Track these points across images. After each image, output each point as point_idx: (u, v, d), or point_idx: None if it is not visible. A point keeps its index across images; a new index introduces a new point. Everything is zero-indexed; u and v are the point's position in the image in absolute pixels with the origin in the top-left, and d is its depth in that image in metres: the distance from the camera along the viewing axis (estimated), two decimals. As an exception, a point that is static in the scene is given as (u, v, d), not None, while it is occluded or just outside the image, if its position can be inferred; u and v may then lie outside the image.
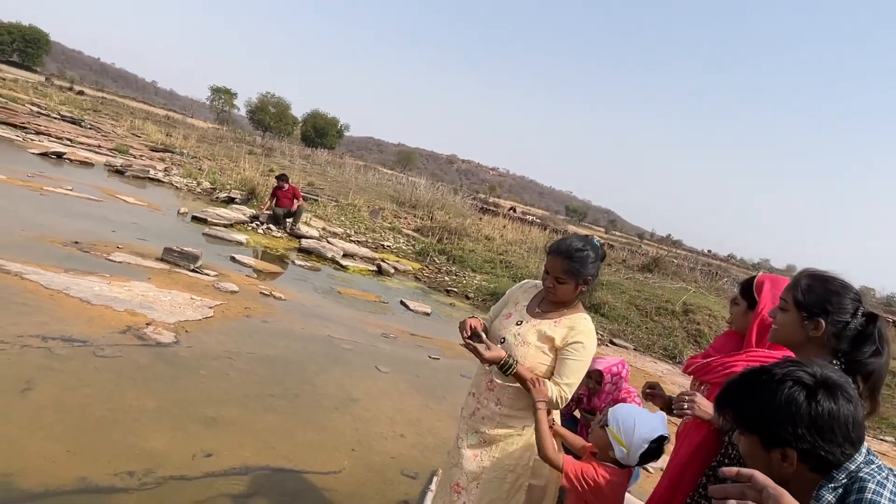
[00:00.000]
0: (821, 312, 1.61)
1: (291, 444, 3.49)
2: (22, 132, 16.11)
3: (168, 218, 10.16)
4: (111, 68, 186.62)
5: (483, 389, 2.32)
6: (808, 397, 1.15)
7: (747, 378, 1.27)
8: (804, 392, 1.16)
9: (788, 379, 1.18)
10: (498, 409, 2.27)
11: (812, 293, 1.64)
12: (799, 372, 1.19)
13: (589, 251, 2.23)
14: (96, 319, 4.49)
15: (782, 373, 1.20)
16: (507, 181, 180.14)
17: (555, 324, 2.24)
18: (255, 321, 5.62)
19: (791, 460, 1.16)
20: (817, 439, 1.14)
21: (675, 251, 39.99)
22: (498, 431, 2.27)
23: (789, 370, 1.20)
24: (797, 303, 1.65)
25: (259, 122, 60.15)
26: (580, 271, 2.20)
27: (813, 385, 1.16)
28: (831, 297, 1.62)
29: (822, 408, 1.14)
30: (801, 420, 1.14)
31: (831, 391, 1.15)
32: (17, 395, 3.16)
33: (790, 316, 1.66)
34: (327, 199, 17.13)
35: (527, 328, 2.26)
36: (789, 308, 1.67)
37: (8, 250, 5.55)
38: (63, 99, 28.51)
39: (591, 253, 2.23)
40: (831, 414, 1.14)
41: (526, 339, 2.23)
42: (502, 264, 13.40)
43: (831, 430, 1.14)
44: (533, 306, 2.34)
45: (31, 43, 65.17)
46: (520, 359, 2.20)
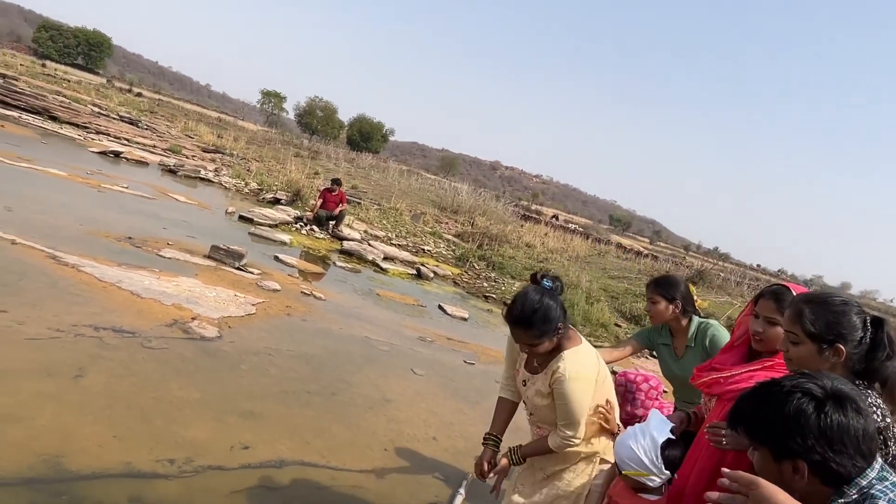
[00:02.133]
0: (837, 338, 1.57)
1: (326, 440, 3.56)
2: (83, 131, 16.86)
3: (216, 217, 10.47)
4: (168, 71, 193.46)
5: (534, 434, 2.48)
6: (816, 409, 1.15)
7: (757, 391, 1.28)
8: (813, 403, 1.16)
9: (797, 390, 1.18)
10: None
11: (820, 320, 1.59)
12: (808, 384, 1.19)
13: (544, 303, 2.19)
14: (145, 312, 4.67)
15: (791, 384, 1.21)
16: (551, 189, 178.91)
17: (544, 375, 2.31)
18: (295, 320, 5.74)
19: (802, 472, 1.16)
20: (827, 451, 1.13)
21: (722, 264, 38.96)
22: (556, 467, 2.40)
23: (798, 382, 1.21)
24: (809, 334, 1.60)
25: (307, 125, 61.39)
26: (547, 329, 2.19)
27: (822, 397, 1.16)
28: (840, 320, 1.58)
29: (832, 419, 1.14)
30: (811, 431, 1.14)
31: (841, 403, 1.15)
32: (71, 381, 3.32)
33: (806, 348, 1.61)
34: (370, 203, 17.36)
35: (530, 388, 2.38)
36: (802, 341, 1.61)
37: (66, 243, 5.83)
38: (122, 100, 29.72)
39: (546, 301, 2.20)
40: (841, 426, 1.13)
41: (534, 400, 2.36)
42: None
43: (841, 442, 1.13)
44: (530, 360, 2.41)
45: (94, 47, 68.13)
46: (540, 419, 2.38)
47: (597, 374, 2.33)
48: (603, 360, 2.46)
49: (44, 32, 66.36)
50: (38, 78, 26.96)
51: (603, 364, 2.43)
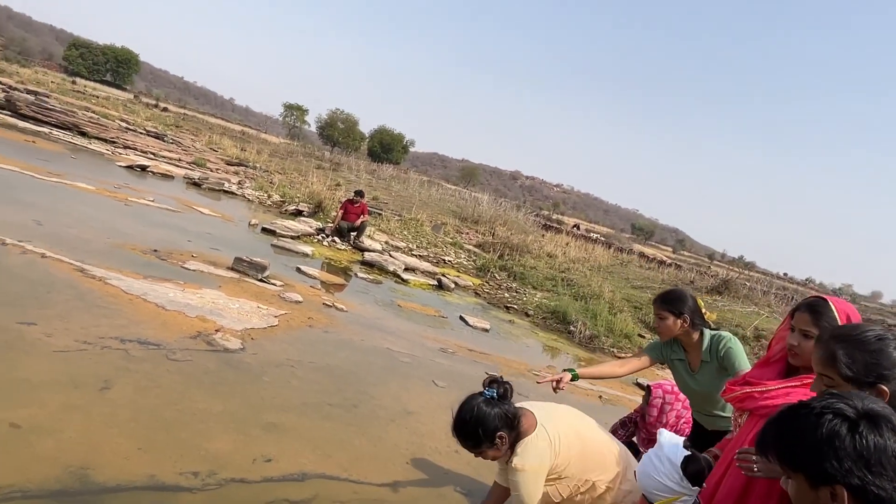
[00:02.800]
0: (878, 379, 1.47)
1: (348, 453, 3.56)
2: (111, 146, 17.23)
3: (240, 229, 10.60)
4: (193, 86, 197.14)
5: None
6: (850, 429, 1.10)
7: (786, 415, 1.22)
8: (846, 424, 1.11)
9: (828, 412, 1.13)
10: None
11: (857, 363, 1.48)
12: (839, 404, 1.14)
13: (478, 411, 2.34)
14: (170, 324, 4.73)
15: (821, 406, 1.15)
16: (572, 198, 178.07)
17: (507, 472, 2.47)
18: (317, 331, 5.76)
19: (841, 499, 1.10)
20: (866, 474, 1.08)
21: (748, 273, 38.32)
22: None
23: (829, 402, 1.15)
24: (846, 379, 1.50)
25: (328, 137, 62.04)
26: (481, 441, 2.36)
27: (855, 417, 1.11)
28: (879, 359, 1.47)
29: (868, 440, 1.08)
30: (847, 454, 1.09)
31: (875, 423, 1.10)
32: (97, 394, 3.36)
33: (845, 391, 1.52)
34: (391, 214, 17.43)
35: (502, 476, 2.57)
36: (839, 384, 1.52)
37: (94, 256, 5.93)
38: (149, 115, 30.29)
39: (482, 410, 2.35)
40: (878, 446, 1.08)
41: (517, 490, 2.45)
42: (564, 282, 13.24)
43: (879, 464, 1.07)
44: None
45: (122, 63, 69.69)
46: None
47: (551, 461, 2.38)
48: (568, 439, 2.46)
49: (74, 50, 68.09)
50: (68, 94, 27.64)
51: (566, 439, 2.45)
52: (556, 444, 2.42)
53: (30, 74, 36.25)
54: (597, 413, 5.46)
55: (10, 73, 30.40)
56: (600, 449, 2.55)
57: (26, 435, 2.79)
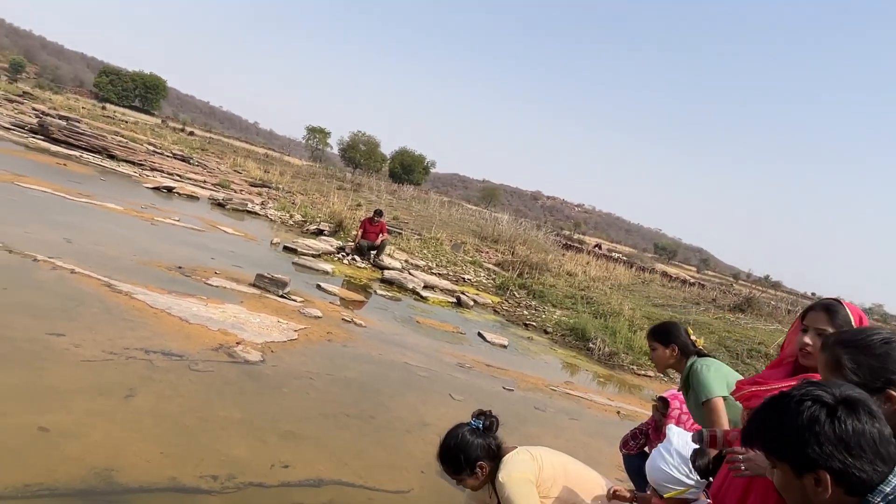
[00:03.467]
0: (886, 384, 1.43)
1: (363, 461, 3.61)
2: (139, 168, 17.70)
3: (262, 247, 10.79)
4: (219, 111, 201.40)
5: None
6: (829, 415, 1.13)
7: (768, 406, 1.26)
8: (825, 410, 1.14)
9: (807, 399, 1.17)
10: None
11: (862, 367, 1.44)
12: (817, 391, 1.18)
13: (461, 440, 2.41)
14: (193, 337, 4.85)
15: (800, 394, 1.19)
16: (593, 218, 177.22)
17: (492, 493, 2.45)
18: (336, 345, 5.85)
19: (825, 483, 1.14)
20: (846, 457, 1.11)
21: (773, 292, 37.68)
22: None
23: (807, 390, 1.19)
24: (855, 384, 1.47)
25: (350, 159, 62.80)
26: (459, 467, 2.41)
27: (833, 403, 1.15)
28: (886, 364, 1.43)
29: (846, 424, 1.12)
30: (827, 438, 1.12)
31: (852, 407, 1.14)
32: (122, 401, 3.47)
33: None
34: (411, 233, 17.58)
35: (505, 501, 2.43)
36: None
37: (121, 272, 6.12)
38: (176, 139, 31.07)
39: (465, 438, 2.42)
40: (856, 430, 1.12)
41: None
42: (584, 300, 13.20)
43: (859, 447, 1.11)
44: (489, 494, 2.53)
45: (150, 89, 71.62)
46: None
47: (536, 473, 2.38)
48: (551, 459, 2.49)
49: (104, 77, 70.22)
50: (98, 119, 28.51)
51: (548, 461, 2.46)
52: (539, 459, 2.44)
53: (62, 101, 37.50)
54: (615, 428, 5.45)
55: (43, 100, 31.50)
56: (586, 477, 2.53)
57: (54, 438, 2.90)
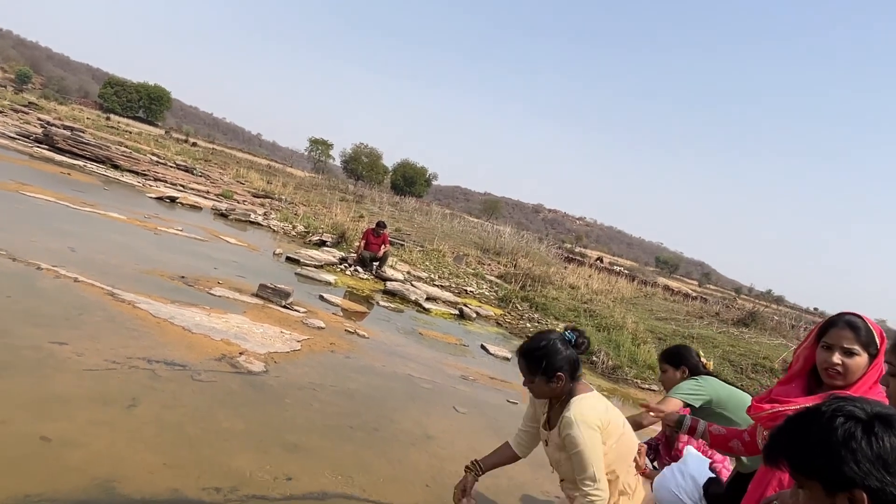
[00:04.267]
0: None
1: (368, 475, 3.56)
2: (143, 178, 17.75)
3: (265, 258, 10.77)
4: (222, 122, 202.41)
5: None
6: (865, 431, 1.08)
7: (796, 421, 1.19)
8: (860, 426, 1.08)
9: (840, 414, 1.11)
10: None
11: None
12: (849, 406, 1.12)
13: (551, 344, 2.31)
14: (195, 346, 4.82)
15: (831, 409, 1.13)
16: (595, 231, 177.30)
17: (556, 430, 2.33)
18: (339, 356, 5.81)
19: (861, 502, 1.07)
20: (884, 475, 1.05)
21: (775, 307, 37.57)
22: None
23: (839, 405, 1.14)
24: None
25: (352, 171, 62.98)
26: (543, 369, 2.28)
27: (867, 419, 1.09)
28: None
29: (884, 441, 1.06)
30: (865, 456, 1.06)
31: (889, 423, 1.08)
32: (124, 410, 3.43)
33: None
34: (413, 245, 17.56)
35: (550, 447, 2.42)
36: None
37: (124, 281, 6.09)
38: (179, 150, 31.17)
39: (555, 345, 2.31)
40: (894, 447, 1.06)
41: (554, 456, 2.39)
42: (586, 313, 13.14)
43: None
44: (548, 419, 2.47)
45: (155, 100, 72.08)
46: (563, 473, 2.38)
47: (605, 424, 2.29)
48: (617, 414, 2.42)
49: (109, 88, 70.67)
50: (102, 130, 28.65)
51: (615, 417, 2.38)
52: (609, 412, 2.34)
53: (67, 111, 37.71)
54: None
55: (48, 110, 31.67)
56: (631, 446, 2.43)
57: (56, 447, 2.86)
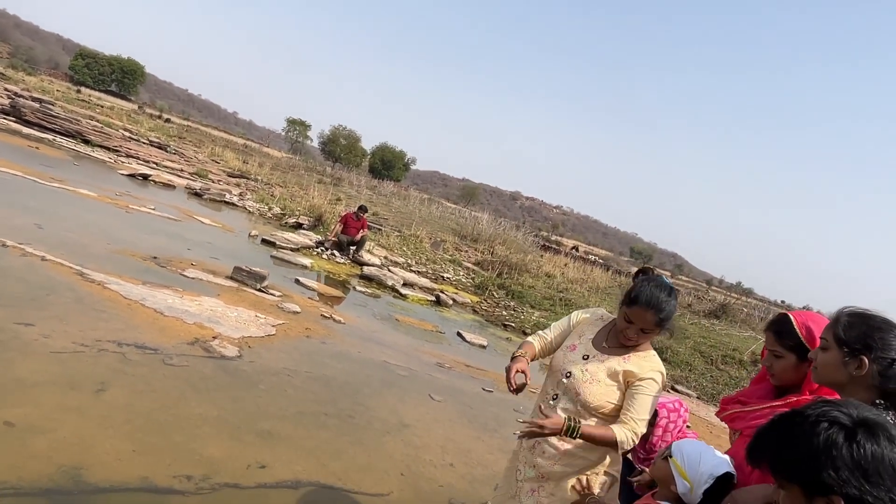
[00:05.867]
0: (863, 349, 1.52)
1: (342, 463, 3.53)
2: (114, 154, 17.30)
3: (240, 239, 10.60)
4: (197, 99, 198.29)
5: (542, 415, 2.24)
6: (847, 438, 1.07)
7: (779, 424, 1.19)
8: (843, 433, 1.08)
9: (824, 420, 1.11)
10: (560, 445, 2.21)
11: (853, 329, 1.55)
12: (834, 412, 1.11)
13: (672, 299, 2.19)
14: (167, 330, 4.72)
15: (816, 413, 1.12)
16: (571, 220, 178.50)
17: (624, 360, 2.20)
18: (314, 342, 5.75)
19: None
20: (863, 484, 1.05)
21: (745, 299, 38.32)
22: (556, 468, 2.22)
23: (823, 410, 1.13)
24: (838, 340, 1.57)
25: (330, 153, 62.27)
26: (667, 322, 2.18)
27: (851, 425, 1.08)
28: (874, 334, 1.53)
29: (865, 449, 1.06)
30: (844, 463, 1.06)
31: (872, 431, 1.07)
32: (92, 395, 3.35)
33: (831, 355, 1.58)
34: (391, 229, 17.46)
35: (595, 364, 2.21)
36: (830, 346, 1.59)
37: (94, 261, 5.93)
38: (152, 126, 30.42)
39: (674, 297, 2.20)
40: (875, 456, 1.05)
41: (595, 377, 2.19)
42: (562, 302, 13.23)
43: (877, 474, 1.05)
44: (599, 340, 2.29)
45: (128, 74, 70.12)
46: (588, 397, 2.16)
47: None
48: None
49: (80, 60, 68.54)
50: (73, 103, 27.79)
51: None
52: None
53: (35, 82, 36.49)
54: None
55: (16, 81, 30.62)
56: None
57: (20, 433, 2.77)
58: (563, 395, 2.25)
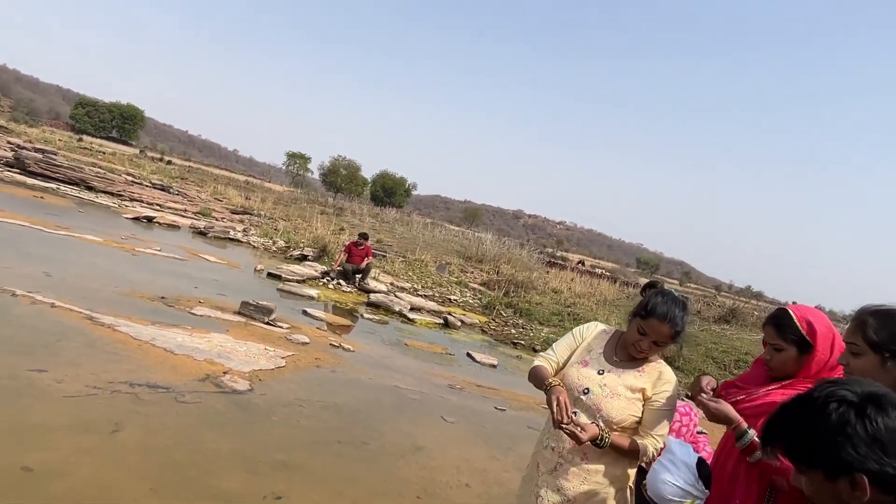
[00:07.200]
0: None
1: (358, 489, 3.54)
2: (118, 199, 17.52)
3: (246, 275, 10.69)
4: (197, 139, 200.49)
5: (566, 444, 2.21)
6: (858, 414, 1.08)
7: (789, 410, 1.20)
8: (853, 410, 1.09)
9: (832, 400, 1.11)
10: (586, 465, 2.18)
11: (885, 330, 1.54)
12: (840, 391, 1.12)
13: (686, 314, 2.18)
14: (179, 368, 4.76)
15: (823, 395, 1.13)
16: (575, 235, 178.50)
17: (639, 373, 2.19)
18: (324, 371, 5.78)
19: (863, 487, 1.07)
20: (882, 456, 1.06)
21: (755, 303, 38.09)
22: (583, 488, 2.17)
23: (830, 390, 1.14)
24: (871, 343, 1.55)
25: (331, 183, 62.66)
26: (681, 336, 2.17)
27: (860, 401, 1.09)
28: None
29: (878, 422, 1.06)
30: (861, 439, 1.06)
31: (880, 404, 1.09)
32: (107, 436, 3.38)
33: (868, 360, 1.56)
34: (395, 255, 17.54)
35: (612, 378, 2.20)
36: (863, 352, 1.57)
37: (103, 304, 6.00)
38: (154, 168, 30.80)
39: (687, 315, 2.20)
40: (888, 427, 1.06)
41: (615, 391, 2.17)
42: (570, 317, 13.21)
43: (894, 444, 1.06)
44: (609, 354, 2.27)
45: (128, 120, 71.14)
46: (611, 412, 2.14)
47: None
48: None
49: (80, 109, 69.65)
50: (75, 151, 28.21)
51: None
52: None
53: (37, 134, 37.05)
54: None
55: (18, 133, 31.11)
56: None
57: (39, 478, 2.80)
58: (581, 413, 2.20)
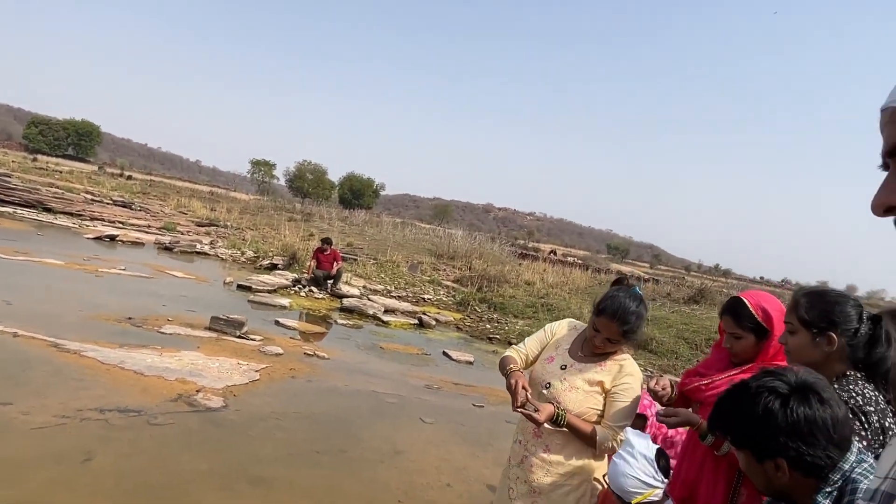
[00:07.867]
0: (829, 326, 1.64)
1: (338, 498, 3.55)
2: (78, 219, 17.09)
3: (215, 288, 10.55)
4: (158, 152, 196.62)
5: (530, 436, 2.29)
6: (782, 405, 1.19)
7: (729, 396, 1.32)
8: (779, 401, 1.19)
9: (763, 390, 1.22)
10: (547, 457, 2.24)
11: (814, 309, 1.68)
12: (773, 382, 1.23)
13: (640, 308, 2.22)
14: (150, 389, 4.69)
15: (756, 385, 1.25)
16: (546, 225, 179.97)
17: (601, 367, 2.24)
18: (300, 381, 5.75)
19: (783, 470, 1.19)
20: (800, 445, 1.17)
21: (724, 280, 38.90)
22: (547, 480, 2.23)
23: (763, 381, 1.25)
24: (803, 322, 1.69)
25: (298, 189, 62.04)
26: (635, 332, 2.21)
27: (787, 392, 1.20)
28: (833, 309, 1.66)
29: (797, 413, 1.17)
30: (780, 429, 1.18)
31: (804, 396, 1.19)
32: (79, 465, 3.33)
33: (801, 337, 1.69)
34: (366, 258, 17.48)
35: (573, 373, 2.25)
36: (797, 329, 1.70)
37: (68, 330, 5.88)
38: (114, 185, 30.13)
39: (642, 309, 2.23)
40: (808, 418, 1.17)
41: (574, 385, 2.22)
42: (544, 307, 13.34)
43: (812, 435, 1.17)
44: (575, 349, 2.33)
45: (84, 136, 69.40)
46: (569, 405, 2.18)
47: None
48: None
49: (33, 128, 67.70)
50: (30, 172, 27.40)
51: None
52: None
53: (-11, 156, 35.90)
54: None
55: (-31, 157, 30.10)
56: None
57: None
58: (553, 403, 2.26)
